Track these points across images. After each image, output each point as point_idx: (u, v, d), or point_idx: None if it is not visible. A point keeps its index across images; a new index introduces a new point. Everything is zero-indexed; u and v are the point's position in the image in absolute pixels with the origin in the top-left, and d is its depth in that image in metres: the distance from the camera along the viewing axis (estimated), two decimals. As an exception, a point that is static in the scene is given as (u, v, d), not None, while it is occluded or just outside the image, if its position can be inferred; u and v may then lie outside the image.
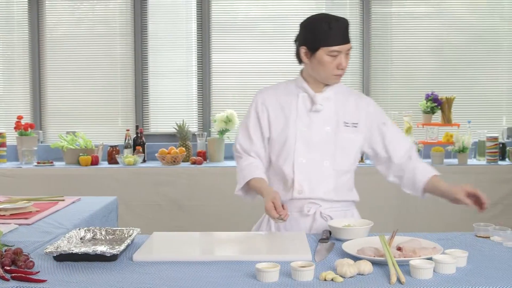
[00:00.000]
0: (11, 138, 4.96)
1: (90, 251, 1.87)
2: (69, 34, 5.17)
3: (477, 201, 2.25)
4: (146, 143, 4.87)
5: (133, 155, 4.66)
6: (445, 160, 4.64)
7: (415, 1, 5.16)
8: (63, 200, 3.03)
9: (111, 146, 4.78)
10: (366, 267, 1.76)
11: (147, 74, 5.14)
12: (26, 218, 2.57)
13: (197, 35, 5.12)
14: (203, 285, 1.65)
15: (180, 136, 4.80)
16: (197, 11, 5.11)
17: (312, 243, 2.11)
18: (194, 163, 4.63)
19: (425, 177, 2.36)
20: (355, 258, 1.84)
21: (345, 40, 2.29)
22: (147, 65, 5.13)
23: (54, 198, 3.04)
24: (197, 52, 5.12)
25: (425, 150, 4.69)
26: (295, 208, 2.36)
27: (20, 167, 4.60)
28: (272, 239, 2.18)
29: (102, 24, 5.15)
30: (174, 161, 4.57)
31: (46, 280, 1.69)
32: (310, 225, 2.38)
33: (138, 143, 4.80)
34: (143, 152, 4.77)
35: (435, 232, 2.32)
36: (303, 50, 2.35)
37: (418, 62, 5.15)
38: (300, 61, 2.42)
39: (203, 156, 4.70)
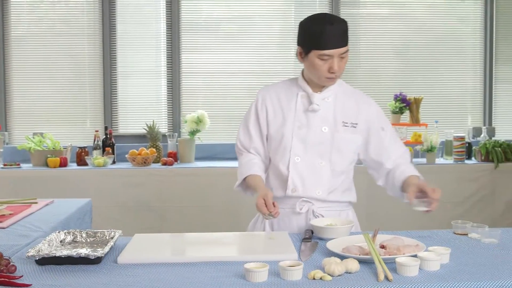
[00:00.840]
0: (-25, 140, 4.84)
1: (74, 254, 1.83)
2: (36, 33, 5.07)
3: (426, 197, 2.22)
4: (115, 144, 4.81)
5: (102, 156, 4.59)
6: (414, 160, 4.72)
7: (382, 3, 5.23)
8: (36, 202, 2.97)
9: (80, 148, 4.70)
10: (353, 265, 1.77)
11: (116, 74, 5.07)
12: (0, 222, 2.51)
13: (167, 35, 5.08)
14: (192, 286, 1.64)
15: (150, 137, 4.75)
16: (166, 11, 5.06)
17: (296, 243, 2.12)
18: (165, 164, 4.59)
19: (403, 177, 2.38)
20: (341, 257, 1.85)
21: (339, 44, 2.26)
22: (115, 65, 5.07)
23: (27, 201, 2.98)
24: (167, 52, 5.08)
25: (394, 150, 4.74)
26: (289, 205, 2.37)
27: (-15, 169, 4.49)
28: (255, 240, 2.18)
29: (69, 23, 5.05)
30: (144, 162, 4.53)
31: (31, 285, 1.65)
32: (304, 224, 2.38)
33: (107, 144, 4.73)
34: (113, 153, 4.71)
35: (411, 230, 2.35)
36: (298, 50, 2.37)
37: (386, 63, 5.23)
38: None
39: (174, 157, 4.66)
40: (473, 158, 4.87)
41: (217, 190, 4.44)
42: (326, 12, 2.43)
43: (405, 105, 4.76)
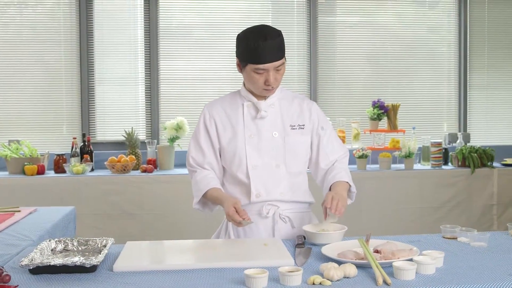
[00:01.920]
0: None
1: (69, 262, 1.80)
2: (11, 38, 4.98)
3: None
4: (93, 152, 4.75)
5: (81, 163, 4.53)
6: (392, 166, 4.77)
7: (359, 12, 5.28)
8: (19, 211, 2.91)
9: (58, 155, 4.63)
10: (351, 270, 1.79)
11: (93, 81, 5.01)
12: (-16, 231, 2.46)
13: (145, 41, 5.05)
14: (192, 293, 1.64)
15: (129, 144, 4.71)
16: (144, 17, 5.04)
17: (289, 248, 2.12)
18: (144, 171, 4.55)
19: (332, 181, 2.42)
20: (338, 262, 1.86)
21: (273, 58, 2.29)
22: (93, 71, 5.01)
23: (10, 209, 2.92)
24: (145, 58, 5.05)
25: (373, 156, 4.80)
26: (254, 211, 2.38)
27: (-40, 177, 4.39)
28: (250, 246, 2.17)
29: (46, 28, 4.98)
30: (124, 170, 4.48)
31: (28, 294, 1.62)
32: (272, 228, 2.40)
33: (85, 151, 4.67)
34: (91, 160, 4.65)
35: (394, 235, 2.38)
36: (237, 61, 2.41)
37: (364, 70, 5.29)
38: None
39: (154, 164, 4.63)
40: (449, 164, 4.94)
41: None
42: (264, 24, 2.44)
43: (383, 112, 4.82)
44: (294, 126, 2.44)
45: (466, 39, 5.36)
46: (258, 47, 2.27)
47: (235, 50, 2.42)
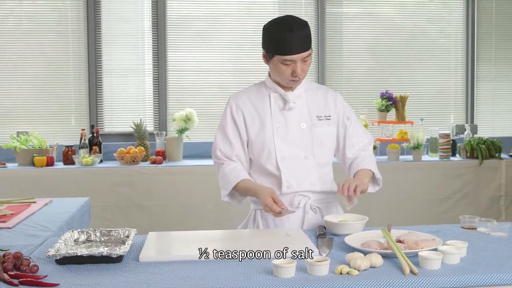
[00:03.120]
0: (-44, 139, 4.73)
1: (96, 253, 1.81)
2: (20, 29, 4.95)
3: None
4: (102, 143, 4.74)
5: (90, 155, 4.52)
6: (400, 157, 4.78)
7: (368, 2, 5.26)
8: (34, 202, 2.91)
9: (66, 146, 4.62)
10: (377, 260, 1.80)
11: (101, 72, 5.00)
12: (3, 222, 2.46)
13: (152, 32, 5.02)
14: (222, 283, 1.64)
15: (138, 136, 4.70)
16: (152, 8, 5.01)
17: (311, 239, 2.13)
18: (154, 162, 4.54)
19: (356, 169, 2.44)
20: (363, 252, 1.87)
21: (300, 49, 2.29)
22: (101, 62, 4.99)
23: (26, 200, 2.92)
24: (153, 50, 5.03)
25: (381, 147, 4.81)
26: (286, 202, 2.36)
27: (-31, 169, 4.38)
28: (273, 237, 2.17)
29: (54, 20, 4.95)
30: (133, 161, 4.48)
31: (58, 284, 1.62)
32: (302, 218, 2.41)
33: (94, 143, 4.66)
34: (100, 152, 4.64)
35: (402, 226, 2.38)
36: (263, 52, 2.40)
37: (372, 61, 5.27)
38: None
39: (163, 156, 4.62)
40: (457, 155, 4.94)
41: (207, 188, 4.42)
42: (290, 14, 2.42)
43: (391, 103, 4.81)
44: (321, 117, 2.44)
45: (474, 30, 5.35)
46: (285, 39, 2.26)
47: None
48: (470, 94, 5.38)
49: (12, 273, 1.69)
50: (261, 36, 2.38)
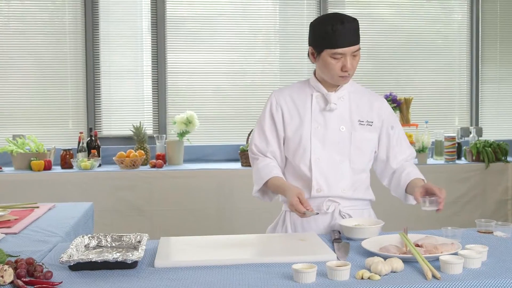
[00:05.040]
0: (-49, 143, 4.65)
1: (110, 258, 1.76)
2: (16, 31, 4.88)
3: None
4: (101, 146, 4.68)
5: (88, 159, 4.46)
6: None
7: (370, 4, 5.24)
8: (37, 207, 2.85)
9: (64, 150, 4.55)
10: (398, 264, 1.76)
11: (99, 74, 4.93)
12: (8, 227, 2.40)
13: (151, 34, 4.97)
14: (241, 289, 1.61)
15: (138, 139, 4.64)
16: (151, 8, 4.96)
17: (326, 243, 2.09)
18: (154, 166, 4.49)
19: (408, 179, 2.39)
20: (382, 257, 1.83)
21: (350, 42, 2.27)
22: (99, 64, 4.93)
23: (28, 205, 2.86)
24: (152, 51, 4.98)
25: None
26: (314, 206, 2.32)
27: (-36, 173, 4.31)
28: (287, 241, 2.13)
29: (51, 21, 4.89)
30: (133, 165, 4.42)
31: (75, 291, 1.58)
32: (328, 224, 2.37)
33: (92, 146, 4.60)
34: (99, 155, 4.58)
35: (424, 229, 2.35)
36: (310, 50, 2.36)
37: (375, 63, 5.24)
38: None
39: (163, 159, 4.57)
40: (463, 158, 4.91)
41: (208, 192, 4.37)
42: (336, 12, 2.41)
43: (396, 106, 4.79)
44: (363, 121, 2.39)
45: (478, 32, 5.33)
46: (336, 31, 2.23)
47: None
48: (475, 96, 5.35)
49: (26, 279, 1.64)
50: (308, 33, 2.36)
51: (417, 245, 1.95)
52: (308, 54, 2.38)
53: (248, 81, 5.05)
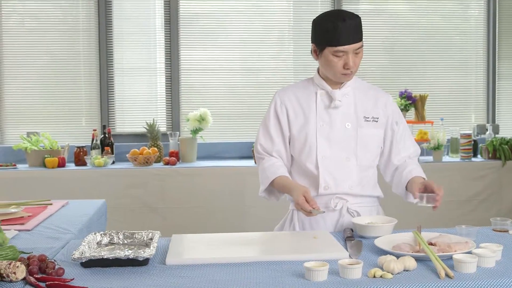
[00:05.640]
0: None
1: (122, 256, 1.76)
2: (29, 28, 4.91)
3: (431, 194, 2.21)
4: (114, 144, 4.70)
5: (102, 156, 4.48)
6: (420, 158, 4.71)
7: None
8: (51, 204, 2.86)
9: (78, 147, 4.58)
10: (411, 263, 1.75)
11: (112, 71, 4.95)
12: (21, 224, 2.41)
13: (165, 31, 4.97)
14: (252, 286, 1.60)
15: (151, 136, 4.65)
16: (164, 5, 4.96)
17: (339, 241, 2.08)
18: (167, 163, 4.49)
19: (409, 176, 2.37)
20: (395, 255, 1.82)
21: (352, 39, 2.24)
22: (112, 61, 4.94)
23: (42, 202, 2.87)
24: (165, 48, 4.98)
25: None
26: (322, 204, 2.32)
27: (-21, 170, 4.34)
28: (300, 239, 2.12)
29: (64, 18, 4.91)
30: (146, 162, 4.43)
31: (87, 288, 1.58)
32: (336, 221, 2.36)
33: (106, 143, 4.61)
34: (112, 153, 4.59)
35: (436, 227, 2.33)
36: (313, 47, 2.35)
37: (390, 60, 5.19)
38: None
39: (176, 156, 4.57)
40: (479, 156, 4.86)
41: (221, 190, 4.37)
42: (338, 8, 2.40)
43: (411, 103, 4.74)
44: (368, 118, 2.37)
45: (495, 27, 5.25)
46: (338, 28, 2.21)
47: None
48: (492, 92, 5.28)
49: (38, 276, 1.65)
50: (311, 31, 2.34)
51: (431, 244, 1.93)
52: (311, 51, 2.37)
53: (262, 78, 5.03)
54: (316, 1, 5.09)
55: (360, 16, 2.31)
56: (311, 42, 2.35)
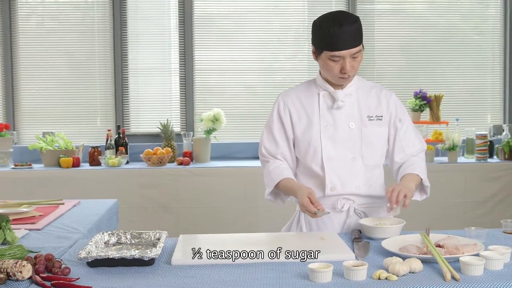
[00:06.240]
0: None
1: (128, 256, 1.77)
2: (45, 29, 4.97)
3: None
4: (128, 144, 4.73)
5: (116, 156, 4.51)
6: (435, 158, 4.68)
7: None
8: (63, 203, 2.89)
9: (92, 147, 4.61)
10: (417, 265, 1.74)
11: (127, 72, 4.98)
12: (32, 223, 2.44)
13: (179, 31, 4.99)
14: (256, 287, 1.60)
15: (165, 136, 4.67)
16: (178, 6, 4.98)
17: (346, 243, 2.07)
18: (181, 164, 4.51)
19: (403, 173, 2.35)
20: (401, 257, 1.80)
21: (349, 45, 2.22)
22: (127, 62, 4.97)
23: (54, 202, 2.90)
24: (179, 49, 5.00)
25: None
26: (329, 205, 2.31)
27: (-4, 170, 4.40)
28: (307, 240, 2.11)
29: (79, 19, 4.96)
30: (160, 162, 4.45)
31: (91, 287, 1.59)
32: (344, 222, 2.35)
33: (120, 143, 4.64)
34: (126, 153, 4.62)
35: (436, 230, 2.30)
36: (312, 49, 2.34)
37: (404, 60, 5.16)
38: None
39: (190, 157, 4.58)
40: (495, 157, 4.81)
41: (235, 190, 4.38)
42: (340, 10, 2.36)
43: (425, 103, 4.70)
44: (372, 117, 2.36)
45: (512, 25, 5.21)
46: (334, 34, 2.19)
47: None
48: (508, 93, 5.21)
49: (44, 275, 1.67)
50: (311, 32, 2.34)
51: (439, 246, 1.91)
52: (312, 52, 2.36)
53: (276, 78, 5.03)
54: (331, 0, 5.07)
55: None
56: (311, 44, 2.35)
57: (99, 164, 4.56)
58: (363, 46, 2.28)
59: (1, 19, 4.91)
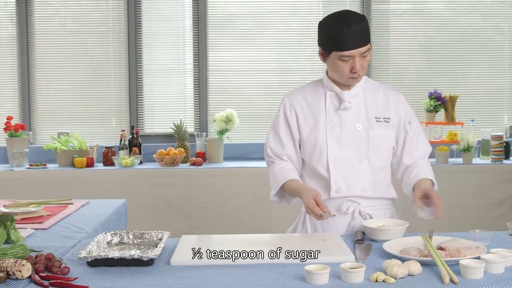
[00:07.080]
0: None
1: (127, 256, 1.78)
2: (60, 30, 5.01)
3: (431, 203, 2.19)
4: (142, 144, 4.76)
5: (130, 156, 4.54)
6: (450, 160, 4.62)
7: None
8: (72, 203, 2.92)
9: (106, 147, 4.65)
10: (415, 267, 1.72)
11: (141, 72, 5.02)
12: (40, 223, 2.47)
13: (193, 32, 5.01)
14: (253, 289, 1.61)
15: (178, 137, 4.69)
16: (193, 6, 4.99)
17: (348, 244, 2.06)
18: (193, 164, 4.52)
19: (417, 178, 2.33)
20: (401, 259, 1.79)
21: (358, 44, 2.20)
22: (141, 63, 5.01)
23: (63, 202, 2.93)
24: (193, 49, 5.01)
25: (430, 150, 4.67)
26: (334, 207, 2.30)
27: (12, 169, 4.45)
28: (308, 241, 2.11)
29: (94, 20, 5.00)
30: (173, 163, 4.47)
31: (88, 287, 1.61)
32: (348, 224, 2.33)
33: (134, 144, 4.68)
34: (140, 153, 4.65)
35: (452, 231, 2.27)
36: (320, 50, 2.33)
37: (419, 60, 5.11)
38: None
39: (203, 157, 4.60)
40: (511, 158, 4.75)
41: (248, 191, 4.38)
42: (345, 9, 2.34)
43: (440, 103, 4.66)
44: (379, 118, 2.34)
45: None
46: (342, 33, 2.18)
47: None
48: (526, 92, 5.14)
49: (43, 274, 1.69)
50: (317, 33, 2.32)
51: (441, 248, 1.90)
52: (318, 53, 2.34)
53: (290, 79, 5.01)
54: (345, 0, 5.05)
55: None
56: (318, 45, 2.33)
57: (112, 164, 4.59)
58: (370, 44, 2.27)
59: (18, 20, 4.97)
